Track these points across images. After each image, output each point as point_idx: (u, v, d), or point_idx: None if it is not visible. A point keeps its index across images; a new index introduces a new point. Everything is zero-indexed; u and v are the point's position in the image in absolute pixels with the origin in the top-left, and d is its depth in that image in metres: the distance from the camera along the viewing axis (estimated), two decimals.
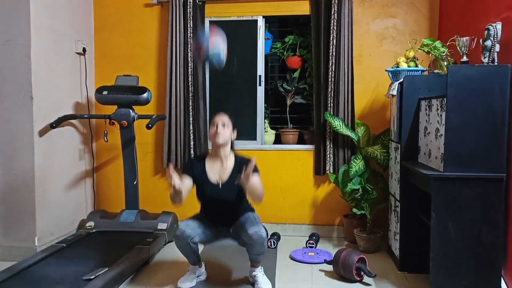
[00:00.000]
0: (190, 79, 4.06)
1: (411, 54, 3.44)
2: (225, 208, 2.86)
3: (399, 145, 3.24)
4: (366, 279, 3.04)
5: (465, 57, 2.77)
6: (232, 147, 2.95)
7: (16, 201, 3.51)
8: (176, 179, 2.56)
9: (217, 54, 2.59)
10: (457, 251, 2.54)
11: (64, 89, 3.90)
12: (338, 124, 3.80)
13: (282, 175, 4.16)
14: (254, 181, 2.63)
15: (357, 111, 4.03)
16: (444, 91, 2.56)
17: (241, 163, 2.83)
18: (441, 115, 2.63)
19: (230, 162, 2.89)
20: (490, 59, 2.58)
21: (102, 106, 4.13)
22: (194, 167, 2.90)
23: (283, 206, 4.18)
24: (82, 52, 4.10)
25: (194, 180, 2.87)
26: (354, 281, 3.01)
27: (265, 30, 4.29)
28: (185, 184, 2.78)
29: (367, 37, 4.06)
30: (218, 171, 2.88)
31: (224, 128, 2.80)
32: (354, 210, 3.69)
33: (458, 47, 2.81)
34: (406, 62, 3.41)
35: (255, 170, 2.76)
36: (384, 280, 3.05)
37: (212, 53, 2.59)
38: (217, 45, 2.61)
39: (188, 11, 4.03)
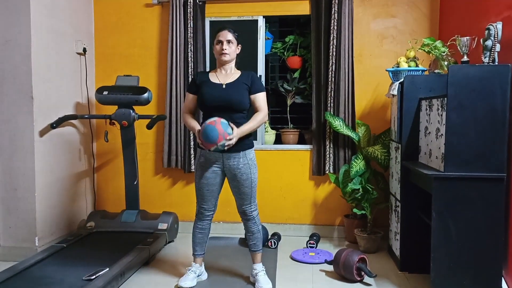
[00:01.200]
0: (190, 79, 4.06)
1: (412, 54, 3.43)
2: (228, 112, 2.75)
3: (399, 145, 3.23)
4: (366, 279, 3.04)
5: (465, 57, 2.76)
6: (236, 63, 2.94)
7: (17, 201, 3.51)
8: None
9: (221, 145, 2.65)
10: (457, 251, 2.54)
11: (64, 89, 3.90)
12: (338, 124, 3.80)
13: (282, 175, 4.16)
14: (246, 128, 2.72)
15: (358, 111, 4.02)
16: (445, 91, 2.57)
17: (249, 74, 2.86)
18: (441, 115, 2.63)
19: (235, 73, 2.88)
20: (491, 59, 2.58)
21: (103, 106, 4.13)
22: (197, 78, 2.89)
23: (284, 206, 4.18)
24: (83, 52, 4.10)
25: (197, 88, 2.86)
26: (355, 281, 3.01)
27: (265, 30, 4.29)
28: (189, 100, 2.89)
29: (367, 36, 4.05)
30: (222, 77, 2.86)
31: (229, 45, 2.81)
32: (355, 210, 3.68)
33: (458, 47, 2.81)
34: (406, 62, 3.41)
35: (260, 88, 2.84)
36: (385, 280, 3.04)
37: (219, 145, 2.66)
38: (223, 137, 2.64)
39: (189, 11, 4.03)
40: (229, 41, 2.81)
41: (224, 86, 2.80)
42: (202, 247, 3.00)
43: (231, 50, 2.82)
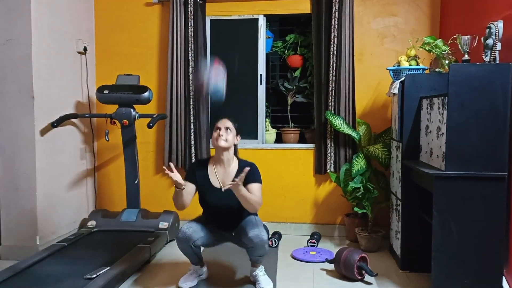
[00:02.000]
0: (191, 78, 4.06)
1: (413, 52, 3.43)
2: (228, 213, 2.81)
3: (400, 144, 3.23)
4: (367, 278, 3.04)
5: (466, 56, 2.76)
6: (235, 153, 2.92)
7: (18, 200, 3.51)
8: (177, 175, 2.59)
9: (218, 90, 2.63)
10: (459, 250, 2.54)
11: (65, 88, 3.90)
12: (339, 123, 3.80)
13: (283, 174, 4.16)
14: (243, 191, 2.58)
15: (358, 110, 4.02)
16: (446, 89, 2.56)
17: (244, 168, 2.79)
18: (442, 114, 2.62)
19: (233, 167, 2.86)
20: (492, 57, 2.57)
21: (103, 105, 4.13)
22: (196, 173, 2.88)
23: (284, 205, 4.18)
24: (83, 51, 4.10)
25: (197, 186, 2.85)
26: (356, 280, 3.01)
27: (266, 29, 4.29)
28: (188, 188, 2.78)
29: (368, 35, 4.05)
30: (221, 175, 2.85)
31: (227, 132, 2.79)
32: (356, 209, 3.68)
33: (459, 46, 2.81)
34: (407, 61, 3.40)
35: (256, 180, 2.77)
36: (386, 279, 3.04)
37: (213, 89, 2.64)
38: (218, 81, 2.64)
39: (189, 10, 4.03)
40: (227, 128, 2.79)
41: (223, 190, 2.69)
42: (197, 256, 2.92)
43: (229, 137, 2.79)
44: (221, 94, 2.66)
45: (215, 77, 2.65)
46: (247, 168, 2.55)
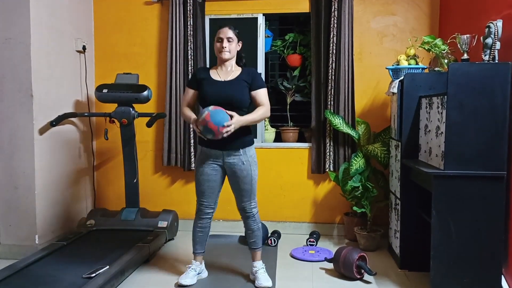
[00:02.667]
0: (190, 75, 4.06)
1: (412, 52, 3.43)
2: (228, 109, 2.72)
3: (399, 143, 3.23)
4: (366, 277, 3.04)
5: (465, 55, 2.76)
6: (241, 59, 2.93)
7: (17, 199, 3.51)
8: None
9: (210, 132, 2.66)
10: (457, 249, 2.54)
11: (64, 87, 3.89)
12: (338, 122, 3.80)
13: (282, 173, 4.16)
14: (246, 119, 2.71)
15: (358, 109, 4.02)
16: (445, 89, 2.56)
17: (249, 71, 2.86)
18: (441, 113, 2.63)
19: (236, 70, 2.88)
20: (491, 56, 2.57)
21: (102, 104, 4.13)
22: (198, 74, 2.89)
23: (284, 204, 4.18)
24: (82, 50, 4.10)
25: (197, 86, 2.86)
26: (355, 279, 3.02)
27: (265, 28, 4.28)
28: (189, 95, 2.88)
29: (367, 35, 4.05)
30: (223, 74, 2.86)
31: (229, 42, 2.80)
32: (355, 208, 3.69)
33: (458, 45, 2.81)
34: (406, 60, 3.40)
35: (261, 85, 2.83)
36: (385, 278, 3.05)
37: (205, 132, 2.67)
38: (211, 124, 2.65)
39: (188, 9, 4.03)
40: (229, 39, 2.80)
41: (224, 82, 2.80)
42: (202, 246, 3.01)
43: (232, 47, 2.82)
44: (213, 135, 2.66)
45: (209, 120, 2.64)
46: (232, 119, 2.64)
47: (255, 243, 2.95)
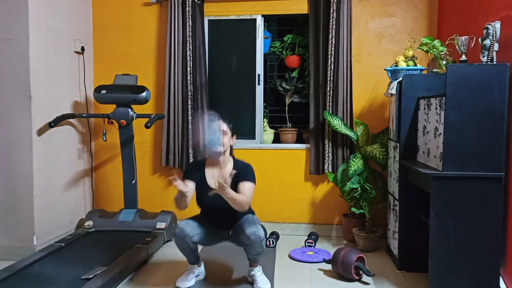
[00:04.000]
0: (189, 78, 4.06)
1: (410, 53, 3.43)
2: (225, 213, 2.80)
3: (398, 144, 3.24)
4: (365, 278, 3.04)
5: (464, 56, 2.76)
6: (231, 153, 2.94)
7: (15, 201, 3.50)
8: (182, 185, 2.61)
9: (213, 143, 2.75)
10: (456, 250, 2.55)
11: (62, 88, 3.89)
12: (337, 123, 3.80)
13: (281, 174, 4.16)
14: (230, 194, 2.57)
15: (356, 110, 4.03)
16: (443, 90, 2.56)
17: (240, 168, 2.83)
18: (440, 114, 2.63)
19: (229, 167, 2.88)
20: (489, 58, 2.58)
21: (101, 105, 4.13)
22: (193, 173, 2.90)
23: (282, 205, 4.18)
24: (81, 51, 4.09)
25: (194, 181, 2.87)
26: (353, 280, 3.01)
27: (264, 29, 4.29)
28: (190, 187, 2.79)
29: (366, 36, 4.05)
30: (216, 176, 2.86)
31: (222, 135, 2.80)
32: (353, 209, 3.69)
33: (457, 46, 2.81)
34: (405, 61, 3.41)
35: (249, 179, 2.78)
36: (383, 279, 3.05)
37: (208, 143, 2.76)
38: (212, 135, 2.75)
39: (187, 10, 4.03)
40: (222, 131, 2.81)
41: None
42: (194, 254, 2.94)
43: (225, 140, 2.81)
44: (216, 145, 2.74)
45: (210, 132, 2.75)
46: (234, 171, 2.60)
47: (258, 258, 2.89)
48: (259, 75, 4.22)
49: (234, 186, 2.75)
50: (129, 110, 3.77)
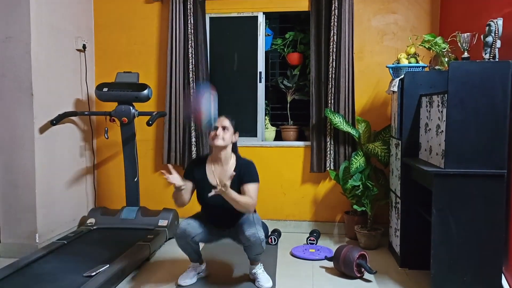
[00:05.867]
0: (190, 75, 4.06)
1: (412, 50, 3.42)
2: (226, 211, 2.78)
3: (400, 142, 3.23)
4: (366, 275, 3.05)
5: (466, 53, 2.75)
6: (234, 150, 2.91)
7: (17, 198, 3.51)
8: (175, 178, 2.59)
9: (208, 117, 2.69)
10: (458, 248, 2.54)
11: (64, 86, 3.90)
12: (338, 120, 3.80)
13: (282, 171, 4.16)
14: (232, 195, 2.55)
15: (358, 108, 4.02)
16: (445, 87, 2.56)
17: (243, 167, 2.80)
18: (442, 112, 2.62)
19: (231, 164, 2.85)
20: (491, 55, 2.57)
21: (103, 103, 4.13)
22: (194, 170, 2.87)
23: (284, 203, 4.18)
24: (82, 49, 4.09)
25: (194, 184, 2.85)
26: (355, 278, 3.02)
27: (265, 27, 4.28)
28: (187, 186, 2.78)
29: (368, 33, 4.04)
30: (218, 174, 2.84)
31: (224, 131, 2.77)
32: (355, 206, 3.69)
33: (459, 43, 2.80)
34: (407, 58, 3.40)
35: (252, 179, 2.76)
36: (385, 277, 3.05)
37: (204, 117, 2.71)
38: (207, 108, 2.70)
39: (189, 8, 4.02)
40: (224, 127, 2.77)
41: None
42: (196, 253, 2.95)
43: (226, 136, 2.76)
44: (211, 121, 2.69)
45: (204, 105, 2.69)
46: (233, 173, 2.56)
47: (259, 257, 2.90)
48: (260, 72, 4.21)
49: (237, 187, 2.73)
50: (131, 107, 3.77)
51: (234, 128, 2.84)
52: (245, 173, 2.77)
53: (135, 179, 3.88)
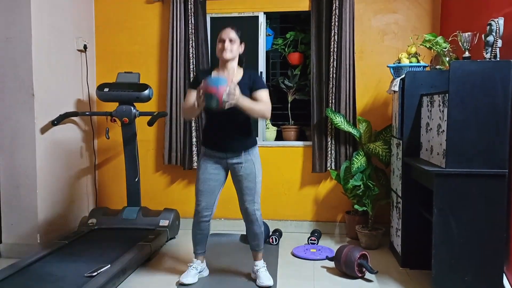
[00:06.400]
0: (191, 75, 4.06)
1: (413, 50, 3.42)
2: (230, 120, 2.73)
3: (401, 141, 3.23)
4: (368, 275, 3.04)
5: (467, 53, 2.75)
6: (242, 62, 2.88)
7: (18, 199, 3.52)
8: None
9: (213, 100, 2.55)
10: (459, 247, 2.54)
11: (65, 86, 3.90)
12: (339, 120, 3.79)
13: (283, 171, 4.16)
14: (246, 102, 2.58)
15: (359, 107, 4.02)
16: (446, 87, 2.56)
17: (250, 74, 2.80)
18: (443, 111, 2.62)
19: (238, 75, 2.82)
20: (492, 54, 2.57)
21: (104, 103, 4.13)
22: (200, 76, 2.81)
23: (285, 203, 4.18)
24: (83, 49, 4.10)
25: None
26: (356, 278, 3.02)
27: (266, 27, 4.28)
28: (192, 96, 2.73)
29: (368, 33, 4.04)
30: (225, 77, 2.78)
31: (231, 43, 2.75)
32: (356, 206, 3.68)
33: (460, 43, 2.80)
34: (408, 58, 3.40)
35: (262, 86, 2.76)
36: (386, 277, 3.05)
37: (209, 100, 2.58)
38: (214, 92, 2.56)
39: (189, 8, 4.02)
40: (231, 40, 2.76)
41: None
42: (203, 246, 3.00)
43: (233, 48, 2.76)
44: (217, 101, 2.55)
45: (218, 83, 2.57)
46: (235, 83, 2.57)
47: (258, 245, 2.94)
48: (261, 72, 4.21)
49: (249, 95, 2.71)
50: (132, 108, 3.77)
51: (240, 39, 2.81)
52: (254, 80, 2.77)
53: (136, 179, 3.88)
